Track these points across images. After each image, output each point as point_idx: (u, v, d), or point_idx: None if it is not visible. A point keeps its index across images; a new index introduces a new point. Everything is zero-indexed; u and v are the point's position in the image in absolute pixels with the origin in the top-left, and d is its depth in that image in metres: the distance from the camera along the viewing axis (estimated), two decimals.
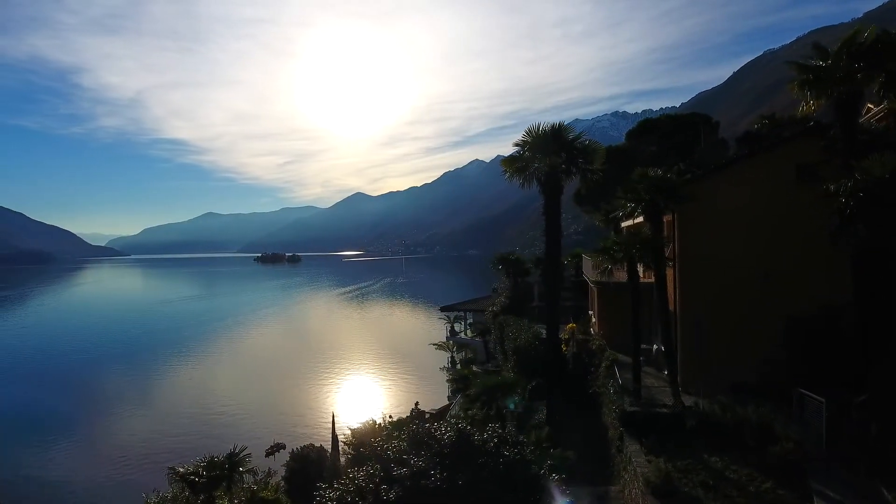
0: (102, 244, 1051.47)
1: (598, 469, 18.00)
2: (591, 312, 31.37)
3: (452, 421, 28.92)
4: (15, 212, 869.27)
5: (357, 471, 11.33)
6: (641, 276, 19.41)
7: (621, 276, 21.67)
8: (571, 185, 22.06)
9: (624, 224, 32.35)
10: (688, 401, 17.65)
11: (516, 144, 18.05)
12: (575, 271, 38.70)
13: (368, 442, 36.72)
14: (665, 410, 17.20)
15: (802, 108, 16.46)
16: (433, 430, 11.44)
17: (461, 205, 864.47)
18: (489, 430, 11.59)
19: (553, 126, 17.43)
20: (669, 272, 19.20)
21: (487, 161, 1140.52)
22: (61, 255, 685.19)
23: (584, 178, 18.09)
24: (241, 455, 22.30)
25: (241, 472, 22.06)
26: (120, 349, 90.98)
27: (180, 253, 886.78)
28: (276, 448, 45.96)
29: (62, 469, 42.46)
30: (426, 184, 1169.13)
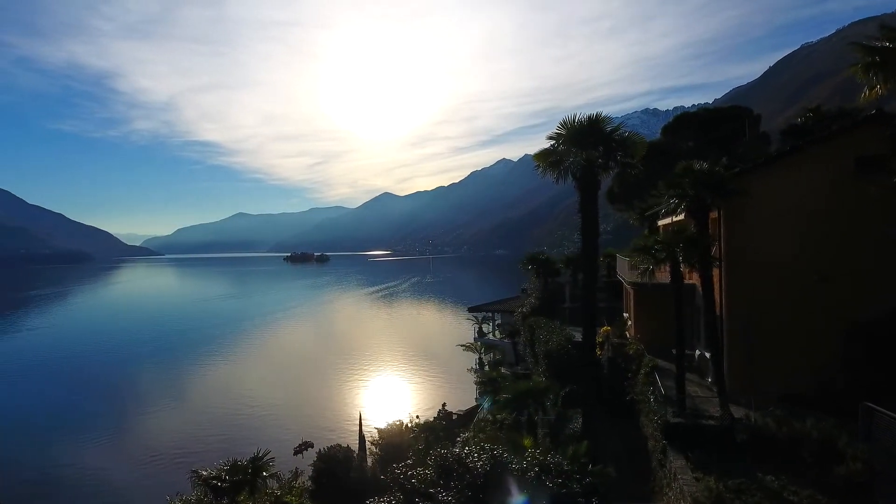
0: (138, 244, 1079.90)
1: (637, 484, 16.83)
2: (625, 315, 30.05)
3: (482, 425, 28.02)
4: (54, 212, 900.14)
5: (378, 501, 10.33)
6: (685, 277, 18.12)
7: (660, 276, 20.40)
8: (603, 184, 20.90)
9: (661, 222, 30.90)
10: (736, 412, 16.34)
11: (550, 137, 16.97)
12: (607, 271, 37.36)
13: (395, 443, 36.43)
14: (712, 423, 15.92)
15: (865, 94, 15.02)
16: (464, 457, 10.24)
17: (488, 204, 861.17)
18: (528, 457, 10.46)
19: (590, 117, 16.31)
20: (714, 273, 17.89)
21: (515, 160, 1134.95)
22: (98, 254, 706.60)
23: (623, 173, 16.88)
24: (265, 459, 21.76)
25: (265, 476, 21.49)
26: (152, 347, 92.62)
27: (212, 252, 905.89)
28: (304, 446, 45.82)
29: (89, 467, 42.89)
30: (453, 183, 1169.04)
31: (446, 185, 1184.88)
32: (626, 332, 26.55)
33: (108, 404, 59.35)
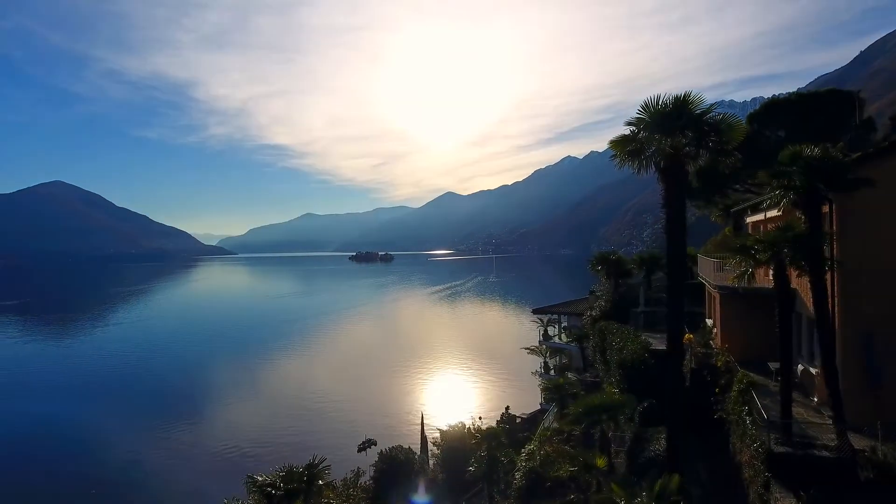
0: (213, 243, 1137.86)
1: None
2: (708, 321, 27.28)
3: (548, 434, 26.20)
4: (139, 214, 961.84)
5: None
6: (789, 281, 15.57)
7: (758, 280, 17.86)
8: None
9: (750, 219, 27.89)
10: (856, 442, 13.77)
11: (629, 123, 14.94)
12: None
13: (457, 446, 35.17)
14: (827, 454, 13.47)
15: None
16: None
17: (553, 203, 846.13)
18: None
19: (676, 98, 14.16)
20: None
21: (580, 157, 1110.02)
22: (179, 253, 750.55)
23: (714, 162, 14.62)
24: (320, 467, 20.93)
25: (320, 485, 20.63)
26: (225, 343, 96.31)
27: (282, 252, 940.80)
28: (368, 444, 45.59)
29: (149, 465, 44.22)
30: (517, 182, 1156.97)
31: (510, 184, 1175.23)
32: (711, 342, 23.92)
33: (177, 399, 61.61)
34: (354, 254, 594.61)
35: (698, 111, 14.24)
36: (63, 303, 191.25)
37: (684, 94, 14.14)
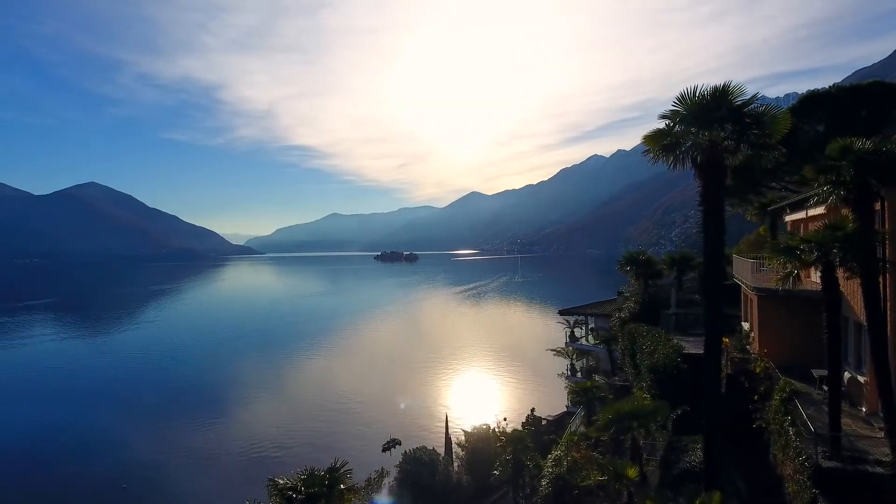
0: (241, 243, 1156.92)
1: None
2: (744, 324, 26.12)
3: (574, 439, 25.39)
4: (170, 215, 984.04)
5: None
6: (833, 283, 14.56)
7: (804, 282, 16.85)
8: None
9: (789, 217, 26.69)
10: None
11: (663, 116, 14.13)
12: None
13: (482, 448, 34.58)
14: (881, 470, 12.50)
15: None
16: None
17: (579, 202, 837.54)
18: None
19: (715, 88, 13.32)
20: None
21: (607, 156, 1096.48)
22: (207, 252, 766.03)
23: (756, 156, 13.70)
24: (342, 471, 20.55)
25: (342, 489, 20.23)
26: (254, 341, 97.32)
27: (308, 251, 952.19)
28: (392, 444, 45.35)
29: (171, 464, 44.48)
30: (542, 181, 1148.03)
31: (535, 184, 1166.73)
32: (748, 346, 22.84)
33: (204, 398, 62.18)
34: (379, 253, 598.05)
35: (738, 102, 13.39)
36: (96, 301, 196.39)
37: (723, 85, 13.31)
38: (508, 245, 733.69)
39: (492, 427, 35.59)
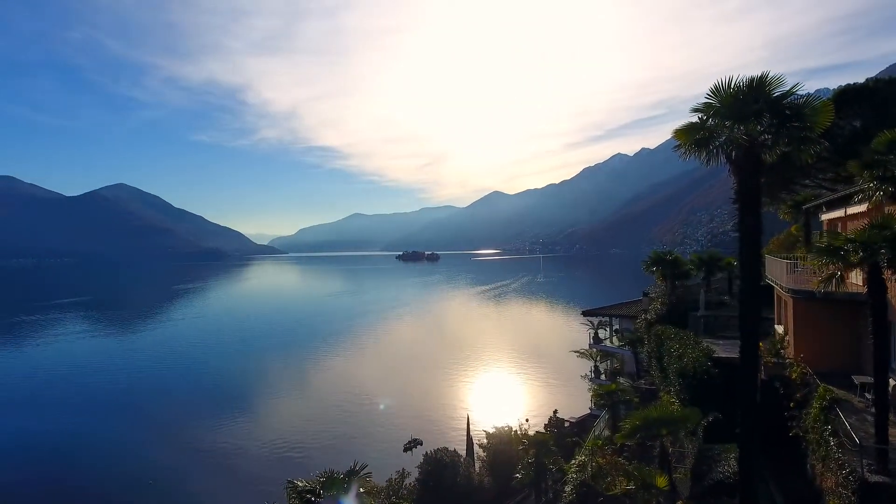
0: (265, 243, 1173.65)
1: None
2: (777, 327, 25.09)
3: (599, 443, 24.71)
4: (196, 215, 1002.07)
5: None
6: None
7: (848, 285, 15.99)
8: (724, 174, 15.89)
9: (826, 216, 25.59)
10: None
11: (696, 109, 13.45)
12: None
13: (503, 450, 34.05)
14: None
15: None
16: None
17: (602, 201, 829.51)
18: None
19: (751, 79, 12.61)
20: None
21: (631, 155, 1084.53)
22: (233, 252, 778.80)
23: (797, 150, 12.92)
24: (362, 474, 20.24)
25: (362, 492, 19.92)
26: (274, 340, 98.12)
27: (330, 251, 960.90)
28: (414, 444, 45.26)
29: (202, 459, 44.96)
30: (564, 181, 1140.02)
31: (557, 183, 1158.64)
32: (782, 350, 21.89)
33: (225, 397, 62.57)
34: (401, 253, 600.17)
35: (777, 94, 12.65)
36: (125, 300, 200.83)
37: (760, 75, 12.59)
38: (530, 245, 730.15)
39: (514, 429, 35.09)
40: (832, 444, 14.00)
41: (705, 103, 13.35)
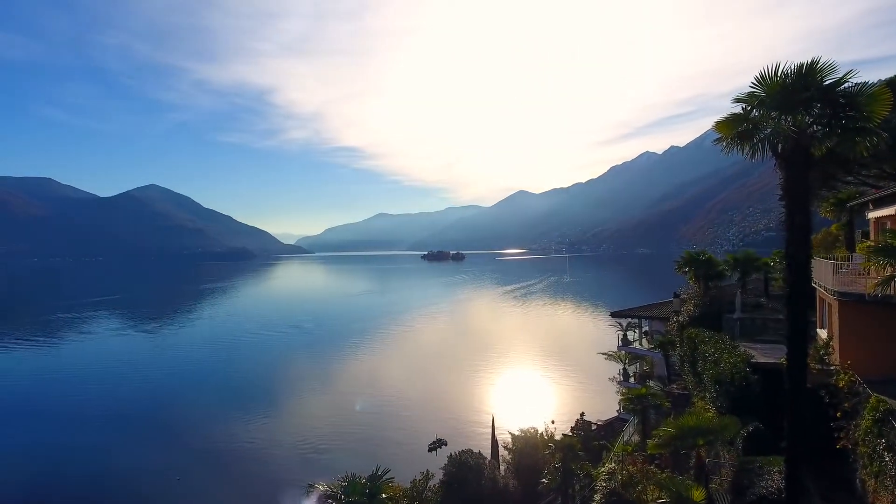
0: (292, 242, 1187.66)
1: None
2: (821, 332, 23.81)
3: (629, 450, 23.81)
4: (224, 215, 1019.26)
5: None
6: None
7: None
8: (757, 172, 14.82)
9: (872, 214, 24.24)
10: None
11: (738, 100, 12.59)
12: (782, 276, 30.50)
13: (529, 453, 33.29)
14: None
15: None
16: None
17: (629, 200, 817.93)
18: None
19: (801, 66, 11.70)
20: None
21: (660, 153, 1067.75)
22: (260, 251, 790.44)
23: (851, 143, 11.95)
24: (384, 479, 19.79)
25: (383, 498, 19.44)
26: (302, 340, 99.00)
27: (356, 251, 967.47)
28: (438, 444, 44.78)
29: (224, 461, 45.00)
30: (591, 179, 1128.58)
31: (584, 182, 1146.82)
32: (827, 357, 20.69)
33: (250, 397, 62.80)
34: (426, 253, 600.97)
35: (829, 81, 11.72)
36: (157, 298, 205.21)
37: (811, 61, 11.67)
38: (556, 244, 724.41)
39: (540, 431, 34.34)
40: (887, 459, 12.99)
41: (749, 93, 12.49)
